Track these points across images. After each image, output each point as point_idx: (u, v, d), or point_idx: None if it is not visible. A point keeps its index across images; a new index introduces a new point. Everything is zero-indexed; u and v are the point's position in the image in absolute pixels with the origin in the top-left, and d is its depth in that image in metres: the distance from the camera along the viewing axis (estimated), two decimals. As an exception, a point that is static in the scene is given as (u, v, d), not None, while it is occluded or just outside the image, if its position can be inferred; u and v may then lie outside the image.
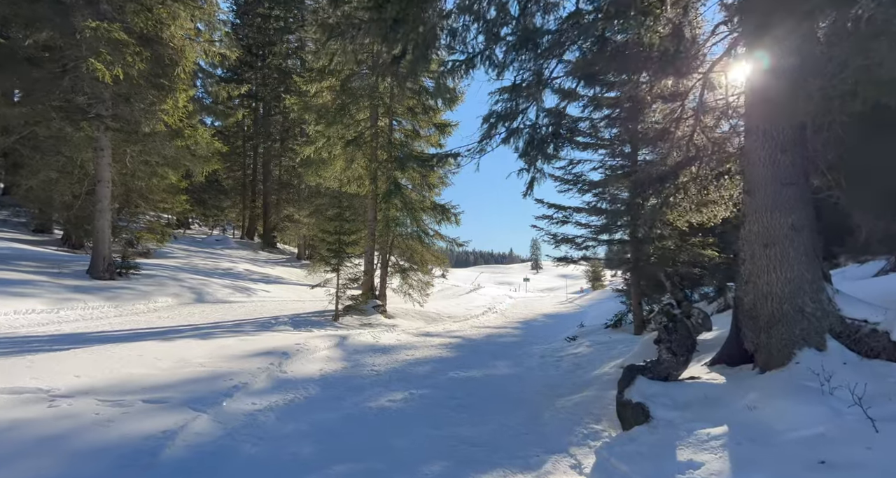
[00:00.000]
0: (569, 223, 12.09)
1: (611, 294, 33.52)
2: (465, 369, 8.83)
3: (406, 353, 10.37)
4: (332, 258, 14.81)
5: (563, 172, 12.35)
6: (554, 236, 12.27)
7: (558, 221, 12.06)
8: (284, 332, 11.37)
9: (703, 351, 6.46)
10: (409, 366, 9.05)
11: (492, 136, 7.02)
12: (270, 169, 37.16)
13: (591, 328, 13.39)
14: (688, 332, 5.32)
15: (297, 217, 29.25)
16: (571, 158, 12.21)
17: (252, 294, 18.71)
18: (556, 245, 12.44)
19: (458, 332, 14.66)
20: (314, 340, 9.99)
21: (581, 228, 12.38)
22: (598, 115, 10.04)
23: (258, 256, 30.89)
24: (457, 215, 17.88)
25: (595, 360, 8.52)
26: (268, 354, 8.35)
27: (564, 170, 12.26)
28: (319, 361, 8.87)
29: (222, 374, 6.92)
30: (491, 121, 6.89)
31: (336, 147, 17.58)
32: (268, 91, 35.44)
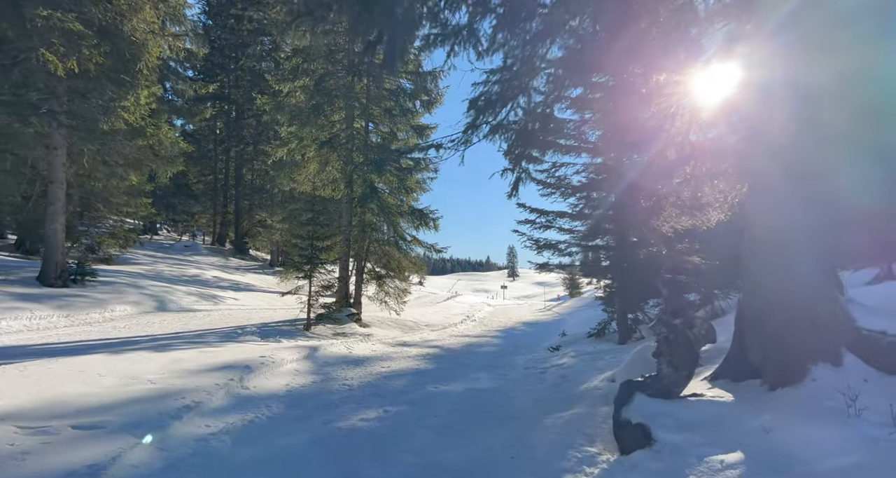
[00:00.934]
0: (552, 228, 11.63)
1: (589, 302, 33.29)
2: (445, 382, 8.24)
3: (381, 365, 9.72)
4: (305, 264, 14.10)
5: (546, 176, 11.92)
6: (536, 242, 11.80)
7: (541, 225, 11.59)
8: (250, 343, 10.62)
9: (702, 364, 6.00)
10: (384, 379, 8.42)
11: (478, 126, 6.47)
12: (243, 173, 36.12)
13: (573, 337, 12.93)
14: (690, 344, 4.84)
15: (269, 222, 28.29)
16: (554, 161, 11.79)
17: (219, 302, 17.82)
18: (539, 251, 11.98)
19: (437, 341, 14.06)
20: (282, 352, 9.29)
21: (564, 234, 11.95)
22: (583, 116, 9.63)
23: (228, 263, 29.85)
24: (435, 221, 17.33)
25: (582, 372, 8.02)
26: (229, 368, 7.63)
27: (547, 173, 11.83)
28: (286, 374, 8.18)
29: (174, 392, 6.20)
30: (479, 104, 6.30)
31: (310, 149, 16.91)
32: (240, 93, 34.48)
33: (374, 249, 17.27)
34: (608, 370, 7.66)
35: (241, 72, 34.54)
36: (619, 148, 9.03)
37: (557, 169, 11.73)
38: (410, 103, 17.55)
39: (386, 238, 17.47)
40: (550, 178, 12.05)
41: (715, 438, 4.03)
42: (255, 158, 32.50)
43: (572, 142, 11.07)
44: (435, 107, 17.79)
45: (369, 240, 17.16)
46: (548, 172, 11.73)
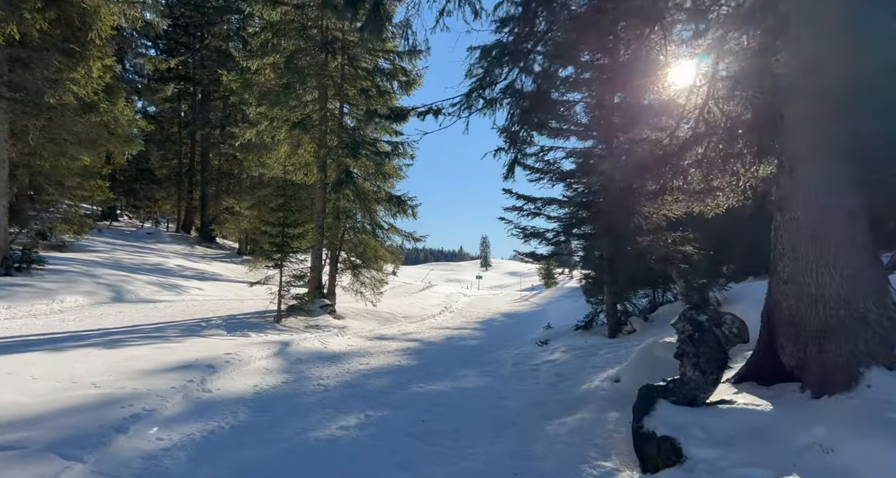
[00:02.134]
0: (540, 215, 11.00)
1: (567, 292, 33.07)
2: (430, 381, 7.57)
3: (359, 361, 9.00)
4: (275, 253, 13.21)
5: (535, 160, 11.28)
6: (523, 230, 11.17)
7: (529, 212, 10.95)
8: (215, 337, 9.75)
9: None
10: (363, 378, 7.70)
11: (489, 84, 5.68)
12: (209, 158, 34.57)
13: (559, 330, 12.41)
14: (718, 344, 4.26)
15: (237, 209, 27.06)
16: (543, 145, 11.15)
17: (182, 292, 16.76)
18: (526, 239, 11.35)
19: (416, 334, 13.37)
20: (250, 348, 8.47)
21: (552, 222, 11.34)
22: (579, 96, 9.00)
23: (194, 251, 28.53)
24: (414, 208, 16.56)
25: (577, 370, 7.45)
26: (189, 368, 6.80)
27: (536, 157, 11.19)
28: (255, 374, 7.38)
29: (121, 397, 5.36)
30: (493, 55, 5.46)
31: (281, 131, 15.90)
32: (206, 74, 32.85)
33: (350, 237, 16.42)
34: (607, 368, 7.10)
35: (206, 51, 32.88)
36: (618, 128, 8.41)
37: (546, 153, 11.10)
38: (388, 84, 16.66)
39: (362, 226, 16.62)
40: (539, 162, 11.42)
41: (759, 456, 3.45)
42: (223, 141, 31.09)
43: (563, 124, 10.44)
44: (413, 89, 16.93)
45: (344, 228, 16.30)
46: (536, 155, 11.09)
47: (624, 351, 8.19)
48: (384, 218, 16.95)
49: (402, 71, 16.58)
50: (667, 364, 5.72)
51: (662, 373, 5.65)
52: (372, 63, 16.47)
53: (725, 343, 4.28)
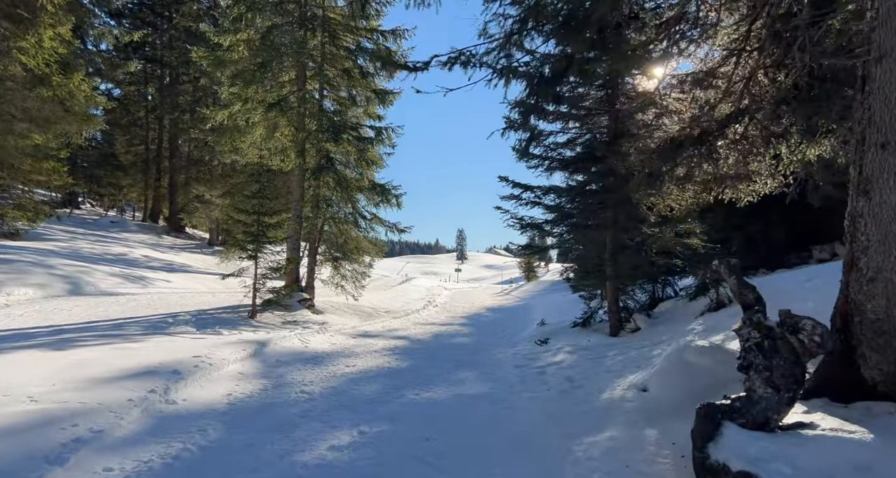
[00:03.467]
0: (539, 205, 10.27)
1: (549, 286, 32.64)
2: (426, 387, 6.78)
3: (345, 363, 8.15)
4: (250, 243, 12.22)
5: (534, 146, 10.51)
6: (520, 220, 10.42)
7: (528, 202, 10.21)
8: (183, 335, 8.78)
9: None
10: (351, 384, 6.86)
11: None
12: (178, 144, 32.94)
13: (555, 327, 11.75)
14: (795, 355, 3.57)
15: (208, 197, 25.73)
16: (542, 129, 10.40)
17: (148, 284, 15.59)
18: (522, 230, 10.62)
19: (402, 331, 12.56)
20: (222, 349, 7.54)
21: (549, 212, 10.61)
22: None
23: (161, 241, 27.09)
24: (398, 197, 15.69)
25: (590, 375, 6.74)
26: (151, 374, 5.86)
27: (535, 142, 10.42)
28: (228, 379, 6.48)
29: (64, 415, 4.43)
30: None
31: (256, 113, 14.83)
32: (174, 56, 31.18)
33: (330, 227, 15.46)
34: (625, 373, 6.41)
35: (175, 31, 31.17)
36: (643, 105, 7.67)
37: (546, 138, 10.36)
38: (371, 65, 15.70)
39: (343, 215, 15.69)
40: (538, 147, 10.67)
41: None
42: (193, 126, 29.47)
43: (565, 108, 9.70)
44: (398, 72, 15.98)
45: (324, 217, 15.33)
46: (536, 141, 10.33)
47: (635, 352, 7.53)
48: (366, 207, 16.06)
49: (386, 51, 15.63)
50: (701, 372, 5.05)
51: (697, 382, 4.98)
52: (354, 42, 15.47)
53: (803, 354, 3.58)
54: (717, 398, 4.66)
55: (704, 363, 5.06)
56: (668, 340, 7.76)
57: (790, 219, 12.14)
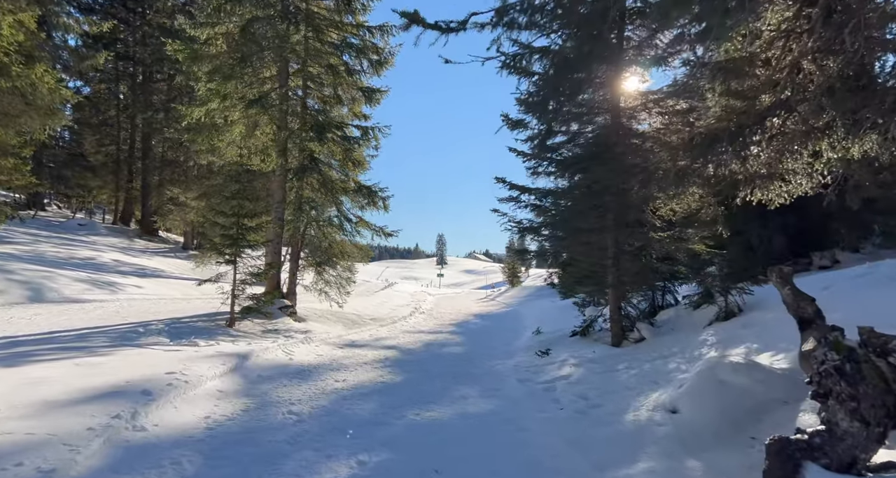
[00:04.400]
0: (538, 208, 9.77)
1: (534, 291, 32.22)
2: (426, 405, 6.17)
3: (334, 377, 7.49)
4: (228, 247, 11.47)
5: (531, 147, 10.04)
6: (518, 224, 9.91)
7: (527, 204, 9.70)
8: (155, 347, 8.02)
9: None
10: (343, 402, 6.22)
11: None
12: (151, 144, 31.78)
13: (552, 336, 11.24)
14: (884, 382, 3.07)
15: (182, 199, 24.69)
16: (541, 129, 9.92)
17: (118, 291, 14.68)
18: (521, 234, 10.10)
19: (390, 340, 11.91)
20: (199, 363, 6.82)
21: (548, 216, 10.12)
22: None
23: (133, 245, 25.99)
24: (385, 200, 15.06)
25: (605, 392, 6.21)
26: (116, 395, 5.14)
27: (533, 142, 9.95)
28: (206, 399, 5.78)
29: (8, 449, 3.72)
30: None
31: (235, 110, 14.04)
32: (148, 53, 30.06)
33: (313, 231, 14.75)
34: (645, 390, 5.89)
35: (148, 28, 30.05)
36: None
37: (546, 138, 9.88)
38: (358, 62, 15.09)
39: (327, 218, 15.00)
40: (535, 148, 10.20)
41: None
42: (167, 125, 28.42)
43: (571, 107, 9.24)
44: (385, 69, 15.40)
45: (307, 220, 14.62)
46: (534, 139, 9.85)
47: (648, 366, 7.04)
48: (351, 210, 15.39)
49: (373, 48, 15.04)
50: (737, 392, 4.56)
51: (734, 404, 4.49)
52: (339, 38, 14.84)
53: (894, 381, 3.08)
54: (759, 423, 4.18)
55: (741, 382, 4.58)
56: (680, 353, 7.30)
57: (789, 225, 11.89)
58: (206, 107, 14.13)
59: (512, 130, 9.80)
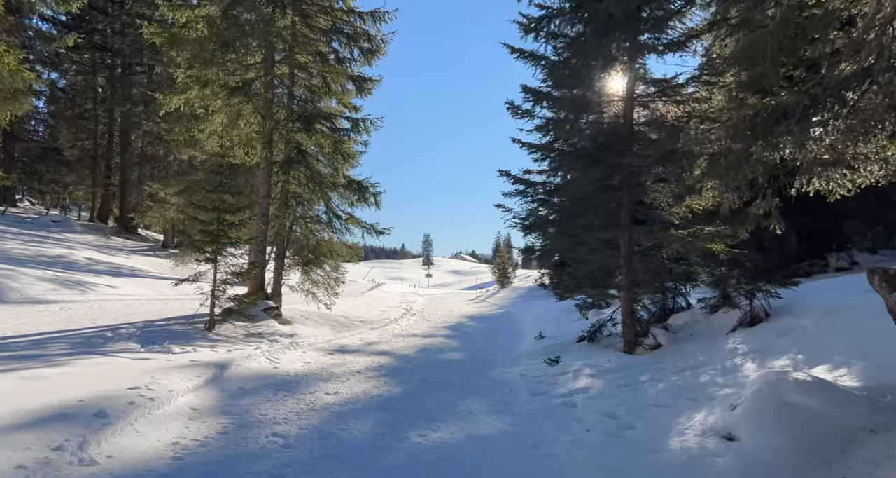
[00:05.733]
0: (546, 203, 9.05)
1: (526, 292, 31.60)
2: (431, 424, 5.39)
3: (325, 389, 6.68)
4: (208, 244, 10.60)
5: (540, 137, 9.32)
6: (524, 220, 9.18)
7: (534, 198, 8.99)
8: (122, 355, 7.15)
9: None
10: (337, 421, 5.41)
11: None
12: (131, 139, 30.52)
13: (557, 342, 10.51)
14: None
15: (162, 196, 23.60)
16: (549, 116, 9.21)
17: (89, 291, 13.67)
18: (526, 232, 9.37)
19: (383, 344, 11.12)
20: (171, 375, 5.96)
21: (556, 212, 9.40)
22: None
23: (110, 243, 24.82)
24: (377, 196, 14.26)
25: (636, 409, 5.44)
26: (63, 419, 4.27)
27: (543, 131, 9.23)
28: (176, 419, 4.94)
29: None
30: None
31: (216, 98, 13.13)
32: (126, 43, 28.84)
33: (300, 228, 13.89)
34: (684, 409, 5.16)
35: (127, 17, 28.82)
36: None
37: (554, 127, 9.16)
38: (348, 50, 14.28)
39: (315, 215, 14.16)
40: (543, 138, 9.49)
41: None
42: (147, 118, 27.25)
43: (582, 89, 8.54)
44: (377, 58, 14.60)
45: (293, 216, 13.76)
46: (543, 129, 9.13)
47: (677, 378, 6.33)
48: (341, 207, 14.54)
49: (364, 35, 14.22)
50: (812, 417, 3.84)
51: (810, 431, 3.77)
52: (329, 23, 13.99)
53: None
54: (846, 457, 3.47)
55: (815, 405, 3.87)
56: (709, 364, 6.61)
57: (802, 224, 11.29)
58: (186, 95, 13.21)
59: (519, 118, 9.08)
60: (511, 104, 9.05)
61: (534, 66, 8.81)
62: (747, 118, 4.19)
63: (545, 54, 8.86)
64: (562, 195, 9.36)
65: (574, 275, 15.10)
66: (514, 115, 9.16)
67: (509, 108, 9.07)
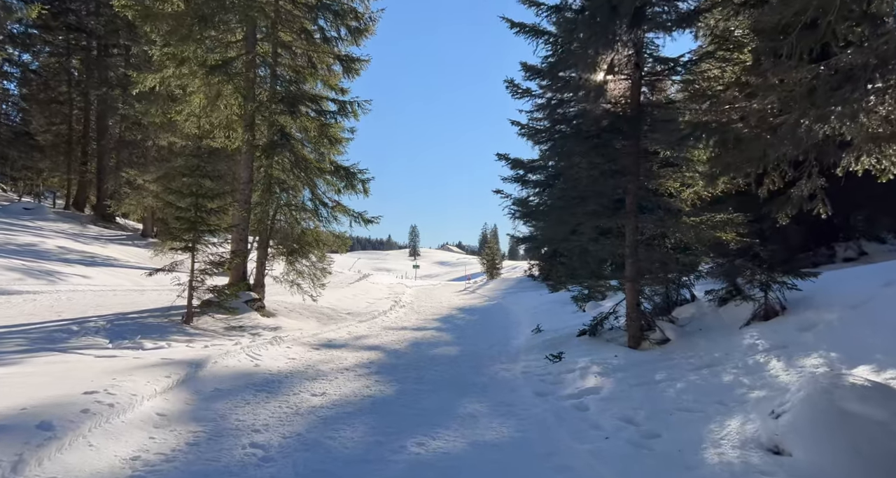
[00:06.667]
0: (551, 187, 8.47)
1: (515, 284, 31.17)
2: (430, 430, 4.82)
3: (311, 389, 6.08)
4: (185, 232, 9.92)
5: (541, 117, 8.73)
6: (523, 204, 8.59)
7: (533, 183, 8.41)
8: (85, 352, 6.48)
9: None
10: (324, 427, 4.82)
11: None
12: (108, 124, 29.35)
13: (556, 335, 10.00)
14: None
15: (140, 182, 22.67)
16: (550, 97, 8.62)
17: (58, 281, 12.91)
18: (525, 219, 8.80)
19: (372, 338, 10.54)
20: (136, 376, 5.31)
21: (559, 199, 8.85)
22: None
23: (86, 231, 23.86)
24: (365, 183, 13.59)
25: (656, 413, 4.91)
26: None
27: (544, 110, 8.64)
28: (139, 428, 4.32)
29: None
30: None
31: (194, 78, 12.31)
32: (102, 23, 27.62)
33: (284, 215, 13.20)
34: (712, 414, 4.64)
35: (103, -6, 27.56)
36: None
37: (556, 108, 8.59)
38: (335, 28, 13.53)
39: (300, 202, 13.47)
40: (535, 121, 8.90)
41: None
42: (125, 101, 26.15)
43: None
44: (365, 37, 13.85)
45: (277, 204, 13.07)
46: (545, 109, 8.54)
47: (694, 377, 5.84)
48: (327, 194, 13.84)
49: (352, 13, 13.46)
50: (874, 429, 3.32)
51: (874, 447, 3.25)
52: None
53: None
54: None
55: (877, 415, 3.36)
56: (727, 361, 6.12)
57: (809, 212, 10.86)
58: (161, 74, 12.39)
59: (519, 98, 8.48)
60: (510, 82, 8.44)
61: (535, 41, 8.21)
62: (803, 83, 3.64)
63: (547, 29, 8.27)
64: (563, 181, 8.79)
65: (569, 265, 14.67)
66: (514, 94, 8.57)
67: (508, 87, 8.47)
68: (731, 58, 7.27)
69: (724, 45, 7.28)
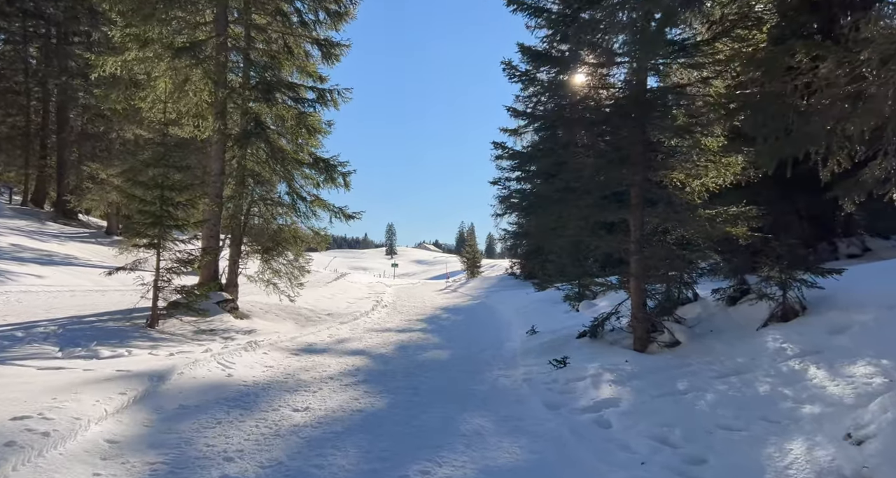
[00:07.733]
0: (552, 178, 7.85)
1: (497, 282, 30.62)
2: (432, 453, 4.13)
3: (292, 404, 5.31)
4: (149, 227, 9.03)
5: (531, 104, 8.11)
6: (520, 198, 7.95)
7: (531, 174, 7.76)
8: (27, 362, 5.61)
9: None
10: (309, 451, 4.07)
11: None
12: (68, 116, 27.76)
13: (553, 337, 9.37)
14: None
15: (103, 177, 21.38)
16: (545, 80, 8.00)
17: (8, 281, 11.85)
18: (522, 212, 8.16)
19: (355, 341, 9.78)
20: (84, 393, 4.49)
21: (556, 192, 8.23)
22: None
23: (44, 229, 22.46)
24: (346, 176, 12.78)
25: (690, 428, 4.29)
26: None
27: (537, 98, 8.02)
28: (81, 461, 3.52)
29: None
30: None
31: (160, 62, 11.35)
32: (61, 9, 26.09)
33: (259, 210, 12.33)
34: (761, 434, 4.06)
35: (61, -21, 26.05)
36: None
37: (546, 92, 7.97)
38: (312, 11, 12.70)
39: (276, 197, 12.62)
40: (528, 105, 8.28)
41: None
42: (86, 91, 24.73)
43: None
44: (344, 21, 13.04)
45: (251, 198, 12.19)
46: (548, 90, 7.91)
47: (723, 387, 5.26)
48: (305, 187, 12.99)
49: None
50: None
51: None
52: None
53: None
54: None
55: None
56: (756, 367, 5.56)
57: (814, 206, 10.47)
58: (123, 56, 11.40)
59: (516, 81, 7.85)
60: (508, 64, 7.78)
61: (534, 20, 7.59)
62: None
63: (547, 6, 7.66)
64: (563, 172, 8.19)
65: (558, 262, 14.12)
66: (511, 77, 7.92)
67: (505, 69, 7.82)
68: (748, 36, 6.75)
69: (740, 23, 6.76)
